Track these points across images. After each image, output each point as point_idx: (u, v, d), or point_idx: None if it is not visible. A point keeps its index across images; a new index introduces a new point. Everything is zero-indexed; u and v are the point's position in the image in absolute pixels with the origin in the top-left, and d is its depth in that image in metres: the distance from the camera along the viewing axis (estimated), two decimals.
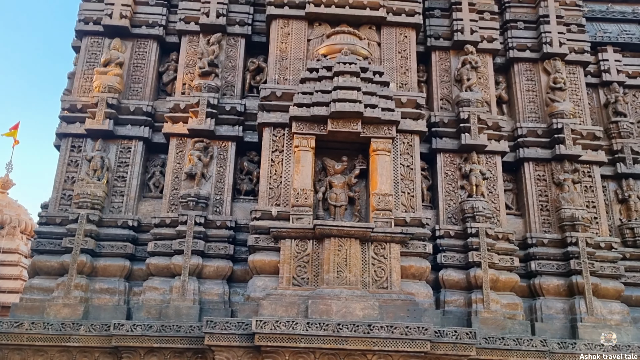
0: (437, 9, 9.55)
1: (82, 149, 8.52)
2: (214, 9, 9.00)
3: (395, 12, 8.92)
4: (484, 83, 9.18)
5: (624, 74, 10.04)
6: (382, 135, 7.69)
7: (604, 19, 10.41)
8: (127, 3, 9.05)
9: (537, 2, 9.72)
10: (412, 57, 8.84)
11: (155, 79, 9.13)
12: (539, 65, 9.48)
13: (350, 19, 8.82)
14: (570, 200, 8.46)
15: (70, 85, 9.18)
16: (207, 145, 8.38)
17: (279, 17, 8.82)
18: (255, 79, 9.24)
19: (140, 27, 9.15)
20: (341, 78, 7.76)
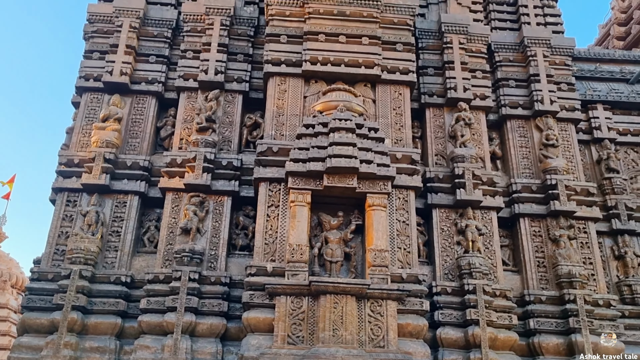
0: (431, 67, 9.79)
1: (78, 204, 8.50)
2: (212, 67, 9.19)
3: (390, 70, 9.13)
4: (478, 139, 9.31)
5: (615, 131, 10.23)
6: (377, 191, 7.72)
7: (593, 77, 10.69)
8: (128, 61, 9.25)
9: (527, 61, 9.99)
10: (407, 113, 8.99)
11: (152, 134, 9.23)
12: (531, 122, 9.66)
13: (345, 77, 9.01)
14: (566, 257, 8.43)
15: (68, 140, 9.26)
16: (203, 200, 8.39)
17: (276, 75, 9.00)
18: (252, 134, 9.35)
19: (139, 84, 9.33)
20: (337, 134, 7.85)
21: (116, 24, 9.50)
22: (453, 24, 9.85)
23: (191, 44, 9.56)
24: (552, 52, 10.09)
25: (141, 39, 9.62)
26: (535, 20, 10.37)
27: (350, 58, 9.00)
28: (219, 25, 9.50)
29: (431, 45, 9.96)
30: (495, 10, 10.66)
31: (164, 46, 9.65)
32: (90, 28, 9.72)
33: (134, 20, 9.50)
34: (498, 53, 10.14)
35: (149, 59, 9.51)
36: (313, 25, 9.17)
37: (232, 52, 9.55)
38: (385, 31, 9.37)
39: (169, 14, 9.85)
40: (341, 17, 9.26)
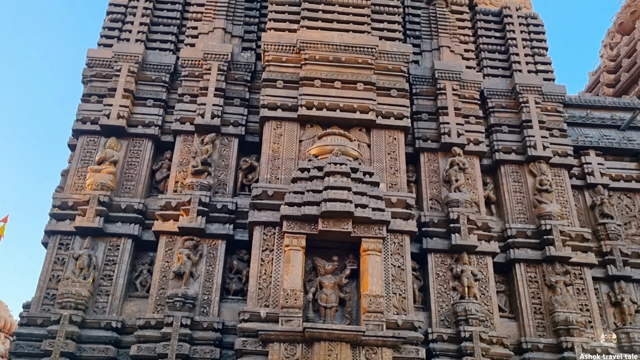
0: (425, 112, 9.92)
1: (70, 247, 8.42)
2: (209, 111, 9.29)
3: (385, 115, 9.24)
4: (472, 184, 9.36)
5: (608, 176, 10.31)
6: (372, 235, 7.70)
7: (585, 124, 10.85)
8: (126, 104, 9.34)
9: (519, 107, 10.16)
10: (402, 158, 9.05)
11: (148, 176, 9.24)
12: (524, 168, 9.74)
13: (341, 122, 9.10)
14: (563, 303, 8.35)
15: (63, 183, 9.25)
16: (197, 244, 8.33)
17: (272, 119, 9.09)
18: (248, 177, 9.38)
19: (136, 127, 9.39)
20: (332, 178, 7.88)
21: (115, 68, 9.64)
22: (446, 71, 10.05)
23: (188, 88, 9.68)
24: (544, 99, 10.27)
25: (139, 83, 9.74)
26: (527, 67, 10.60)
27: (345, 103, 9.12)
28: (217, 70, 9.65)
29: (425, 91, 10.12)
30: (487, 58, 10.89)
31: (161, 90, 9.77)
32: (89, 72, 9.85)
33: (132, 65, 9.65)
34: (491, 99, 10.31)
35: (147, 103, 9.61)
36: (309, 71, 9.33)
37: (228, 97, 9.67)
38: (379, 77, 9.53)
39: (167, 59, 10.01)
40: (337, 63, 9.43)
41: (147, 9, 10.47)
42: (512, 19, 11.18)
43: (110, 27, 10.37)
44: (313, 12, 10.07)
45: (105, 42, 10.17)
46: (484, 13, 11.44)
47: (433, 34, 10.81)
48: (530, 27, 11.18)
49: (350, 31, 9.86)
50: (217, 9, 10.48)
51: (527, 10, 11.48)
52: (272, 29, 9.93)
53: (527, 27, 11.18)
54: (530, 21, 11.24)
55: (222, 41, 10.18)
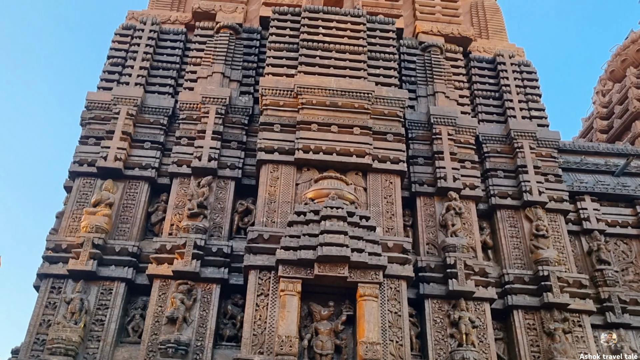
0: (421, 157, 9.99)
1: (62, 291, 8.29)
2: (206, 153, 9.33)
3: (381, 159, 9.30)
4: (469, 229, 9.34)
5: (604, 222, 10.33)
6: (369, 281, 7.63)
7: (579, 169, 10.93)
8: (123, 147, 9.38)
9: (514, 153, 10.24)
10: (398, 202, 9.06)
11: (143, 219, 9.19)
12: (520, 213, 9.75)
13: (337, 165, 9.15)
14: (562, 352, 8.22)
15: (58, 225, 9.18)
16: (191, 288, 8.21)
17: (269, 162, 9.13)
18: (244, 220, 9.34)
19: (133, 169, 9.40)
20: (328, 222, 7.86)
21: (114, 111, 9.72)
22: (442, 116, 10.17)
23: (186, 131, 9.75)
24: (538, 145, 10.37)
25: (137, 126, 9.81)
26: (521, 113, 10.75)
27: (342, 147, 9.19)
28: (214, 114, 9.74)
29: (421, 135, 10.22)
30: (482, 104, 11.05)
31: (159, 133, 9.83)
32: (88, 115, 9.93)
33: (131, 108, 9.74)
34: (486, 144, 10.40)
35: (144, 145, 9.65)
36: (306, 115, 9.43)
37: (226, 140, 9.73)
38: (376, 122, 9.64)
39: (166, 102, 10.12)
40: (333, 108, 9.55)
41: (147, 54, 10.65)
42: (506, 66, 11.40)
43: (110, 70, 10.52)
44: (310, 57, 10.26)
45: (104, 86, 10.30)
46: (477, 60, 11.67)
47: (428, 80, 11.00)
48: (524, 74, 11.39)
49: (347, 76, 10.03)
50: (216, 54, 10.66)
51: (520, 58, 11.71)
52: (270, 73, 10.09)
53: (521, 74, 11.39)
54: (524, 68, 11.46)
55: (221, 85, 10.32)
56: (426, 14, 12.15)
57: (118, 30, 11.06)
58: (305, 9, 10.97)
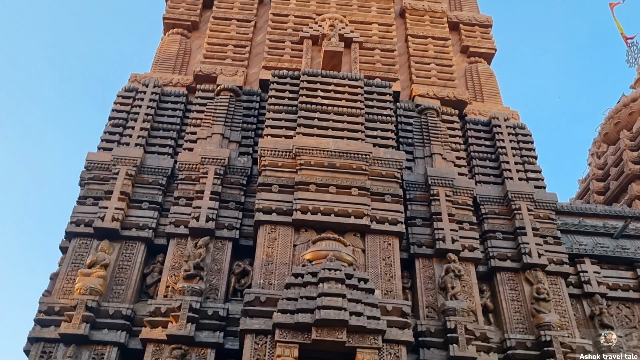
0: (419, 218, 9.98)
1: (53, 356, 8.05)
2: (204, 214, 9.30)
3: (379, 220, 9.28)
4: (469, 291, 9.21)
5: (605, 285, 10.21)
6: (367, 346, 7.44)
7: (578, 231, 10.91)
8: (121, 207, 9.36)
9: (512, 214, 10.25)
10: (397, 264, 8.97)
11: (138, 281, 9.06)
12: (521, 275, 9.64)
13: (335, 226, 9.11)
14: None
15: (52, 287, 9.04)
16: (185, 353, 7.98)
17: (266, 223, 9.10)
18: (240, 282, 9.21)
19: (130, 230, 9.35)
20: (326, 284, 7.74)
21: (113, 171, 9.78)
22: (439, 178, 10.23)
23: (185, 191, 9.77)
24: (536, 206, 10.39)
25: (136, 186, 9.83)
26: (517, 175, 10.82)
27: (340, 208, 9.19)
28: (213, 174, 9.79)
29: (419, 196, 10.25)
30: (479, 165, 11.15)
31: (157, 193, 9.84)
32: (87, 175, 9.97)
33: (130, 168, 9.79)
34: (484, 206, 10.42)
35: (142, 205, 9.64)
36: (304, 176, 9.48)
37: (224, 200, 9.73)
38: (374, 183, 9.69)
39: (165, 162, 10.19)
40: (331, 169, 9.62)
41: (148, 115, 10.83)
42: (501, 128, 11.58)
43: (111, 131, 10.66)
44: (309, 119, 10.43)
45: (105, 146, 10.40)
46: (473, 122, 11.87)
47: (425, 142, 11.14)
48: (519, 136, 11.56)
49: (345, 138, 10.16)
50: (216, 116, 10.84)
51: (515, 121, 11.92)
52: (269, 135, 10.23)
53: (516, 136, 11.56)
54: (519, 131, 11.65)
55: (220, 146, 10.43)
56: (422, 78, 12.46)
57: (120, 93, 11.29)
58: (304, 72, 11.25)
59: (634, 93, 17.51)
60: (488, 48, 13.66)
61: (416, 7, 13.96)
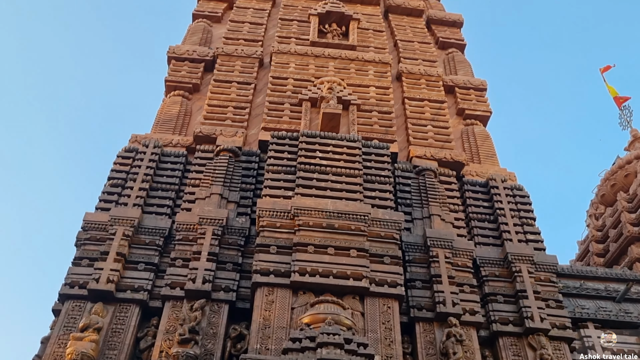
0: (419, 280, 9.85)
1: None
2: (200, 275, 9.17)
3: (378, 283, 9.15)
4: (471, 357, 8.96)
5: (609, 351, 9.96)
6: None
7: (580, 295, 10.76)
8: (116, 268, 9.23)
9: (513, 277, 10.13)
10: (396, 328, 8.78)
11: (132, 345, 8.81)
12: (523, 340, 9.40)
13: (334, 289, 8.98)
14: None
15: (42, 351, 8.77)
16: None
17: (264, 285, 8.96)
18: (236, 346, 8.94)
19: (125, 292, 9.17)
20: (325, 350, 7.53)
21: (110, 231, 9.70)
22: (438, 239, 10.18)
23: (181, 252, 9.66)
24: (537, 269, 10.28)
25: (132, 247, 9.73)
26: (517, 237, 10.78)
27: (338, 270, 9.09)
28: (211, 235, 9.72)
29: (418, 258, 10.16)
30: (477, 227, 11.12)
31: (154, 254, 9.74)
32: (83, 235, 9.89)
33: (127, 229, 9.73)
34: (484, 268, 10.32)
35: (138, 267, 9.51)
36: (303, 237, 9.42)
37: (221, 261, 9.62)
38: (372, 244, 9.62)
39: (163, 223, 10.14)
40: (330, 230, 9.58)
41: (147, 175, 10.86)
42: (499, 190, 11.63)
43: (110, 191, 10.65)
44: (307, 180, 10.49)
45: (103, 206, 10.37)
46: (471, 184, 11.93)
47: (423, 203, 11.15)
48: (517, 197, 11.60)
49: (343, 199, 10.18)
50: (215, 176, 10.88)
51: (512, 182, 11.99)
52: (268, 195, 10.25)
53: (514, 197, 11.60)
54: (516, 192, 11.70)
55: (218, 206, 10.41)
56: (419, 139, 12.62)
57: (120, 153, 11.37)
58: (303, 133, 11.41)
59: (628, 155, 17.76)
60: (483, 111, 13.93)
61: (412, 71, 14.31)
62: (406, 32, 15.91)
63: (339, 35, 15.26)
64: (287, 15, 15.59)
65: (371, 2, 16.72)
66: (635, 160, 17.29)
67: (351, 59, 14.16)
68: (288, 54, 14.03)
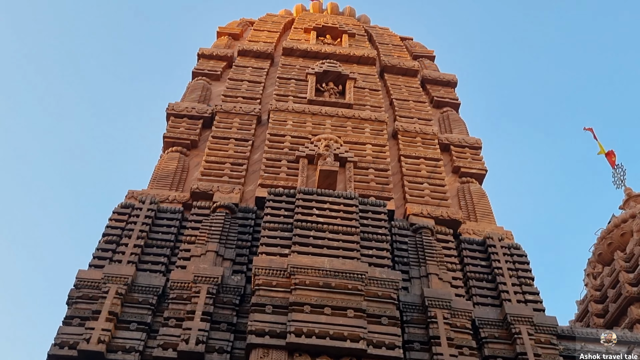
0: (417, 342, 9.62)
1: None
2: (194, 336, 8.94)
3: (376, 344, 8.94)
4: None
5: None
6: None
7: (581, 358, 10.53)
8: (108, 328, 8.99)
9: (512, 339, 9.91)
10: None
11: None
12: None
13: (331, 350, 8.76)
14: None
15: None
16: None
17: (259, 347, 8.74)
18: None
19: (116, 352, 8.89)
20: None
21: (102, 289, 9.52)
22: (436, 299, 10.02)
23: (175, 312, 9.46)
24: (536, 330, 10.09)
25: (125, 305, 9.52)
26: (515, 297, 10.63)
27: (335, 331, 8.90)
28: (205, 294, 9.54)
29: (415, 318, 9.97)
30: (476, 287, 10.99)
31: (147, 313, 9.52)
32: (75, 293, 9.68)
33: (121, 287, 9.55)
34: (483, 329, 10.12)
35: (130, 326, 9.27)
36: (299, 297, 9.27)
37: (215, 321, 9.40)
38: (370, 304, 9.47)
39: (157, 280, 9.98)
40: (327, 289, 9.45)
41: (143, 232, 10.77)
42: (496, 249, 11.56)
43: (104, 248, 10.52)
44: (304, 237, 10.43)
45: (96, 263, 10.21)
46: (468, 242, 11.87)
47: (421, 261, 11.05)
48: (514, 257, 11.53)
49: (340, 257, 10.10)
50: (211, 233, 10.80)
51: (509, 241, 11.94)
52: (264, 253, 10.17)
53: (511, 257, 11.52)
54: (514, 252, 11.63)
55: (214, 264, 10.28)
56: (416, 197, 12.66)
57: (116, 209, 11.31)
58: (300, 190, 11.44)
59: (624, 214, 17.83)
60: (479, 169, 14.05)
61: (408, 129, 14.52)
62: (402, 91, 16.24)
63: (336, 94, 15.56)
64: (285, 74, 15.93)
65: (367, 62, 17.15)
66: (630, 218, 17.36)
67: (348, 117, 14.39)
68: (286, 112, 14.25)
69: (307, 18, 19.92)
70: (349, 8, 21.86)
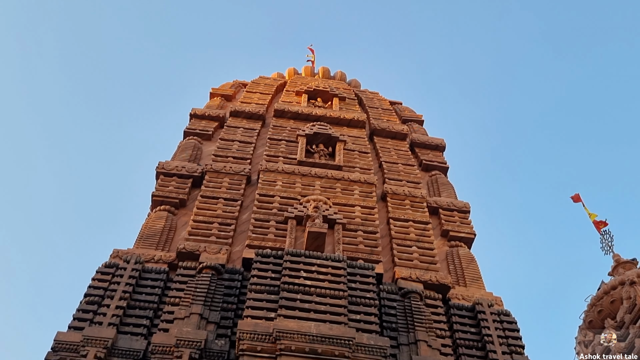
0: None
1: None
2: None
3: None
4: None
5: None
6: None
7: None
8: None
9: None
10: None
11: None
12: None
13: None
14: None
15: None
16: None
17: None
18: None
19: None
20: None
21: (81, 353, 9.20)
22: None
23: None
24: None
25: None
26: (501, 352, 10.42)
27: None
28: (187, 359, 9.25)
29: None
30: (465, 354, 10.72)
31: None
32: (53, 357, 9.33)
33: (100, 350, 9.23)
34: None
35: None
36: None
37: None
38: None
39: (138, 344, 9.67)
40: (313, 355, 9.22)
41: (126, 292, 10.53)
42: (486, 315, 11.39)
43: (85, 309, 10.21)
44: (291, 301, 10.23)
45: (76, 325, 9.89)
46: (457, 308, 11.70)
47: (409, 327, 10.83)
48: (504, 324, 11.34)
49: (327, 322, 9.87)
50: (196, 295, 10.57)
51: (498, 307, 11.78)
52: (249, 316, 9.93)
53: (501, 324, 11.33)
54: (504, 318, 11.46)
55: (198, 327, 10.01)
56: (404, 260, 12.55)
57: (100, 269, 11.09)
58: (288, 252, 11.31)
59: (612, 280, 17.78)
60: (467, 233, 14.04)
61: (397, 192, 14.57)
62: (391, 154, 16.42)
63: (326, 156, 15.70)
64: (275, 135, 16.11)
65: (357, 125, 17.42)
66: (620, 285, 17.29)
67: (337, 179, 14.45)
68: (275, 172, 14.31)
69: (299, 81, 20.36)
70: (340, 72, 22.41)
